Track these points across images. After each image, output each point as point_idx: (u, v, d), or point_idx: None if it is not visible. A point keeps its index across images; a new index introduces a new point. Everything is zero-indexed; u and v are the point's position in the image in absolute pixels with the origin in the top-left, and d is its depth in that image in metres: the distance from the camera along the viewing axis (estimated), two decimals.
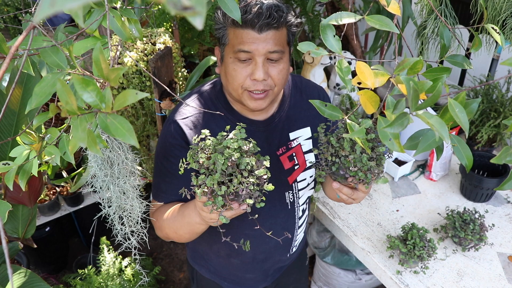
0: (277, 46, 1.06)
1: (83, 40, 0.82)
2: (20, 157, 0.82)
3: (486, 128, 2.00)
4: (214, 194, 0.90)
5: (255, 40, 1.03)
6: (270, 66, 1.09)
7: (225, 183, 0.89)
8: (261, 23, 1.01)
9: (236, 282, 1.47)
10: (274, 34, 1.05)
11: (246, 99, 1.12)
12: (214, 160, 0.88)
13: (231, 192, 0.89)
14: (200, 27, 0.30)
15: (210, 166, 0.89)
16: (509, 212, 1.85)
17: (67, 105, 0.54)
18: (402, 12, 1.98)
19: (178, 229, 1.15)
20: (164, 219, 1.18)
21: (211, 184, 0.88)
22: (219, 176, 0.87)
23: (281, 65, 1.10)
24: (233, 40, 1.06)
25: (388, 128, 0.58)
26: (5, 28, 2.92)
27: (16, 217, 1.57)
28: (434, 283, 1.55)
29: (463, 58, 0.86)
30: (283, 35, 1.08)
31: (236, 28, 1.04)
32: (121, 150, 1.03)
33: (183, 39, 2.36)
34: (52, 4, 0.26)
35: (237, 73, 1.08)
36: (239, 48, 1.05)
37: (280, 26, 1.05)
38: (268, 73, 1.08)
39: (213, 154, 0.88)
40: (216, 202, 0.90)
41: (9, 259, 0.35)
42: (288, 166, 1.27)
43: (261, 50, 1.04)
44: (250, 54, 1.05)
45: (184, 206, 1.12)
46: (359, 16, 0.74)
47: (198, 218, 1.05)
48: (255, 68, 1.06)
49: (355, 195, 1.07)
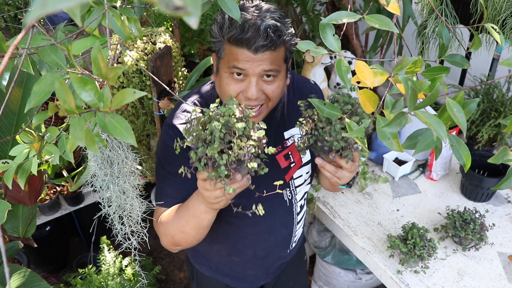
0: (272, 66, 1.04)
1: (83, 39, 0.82)
2: (19, 155, 0.82)
3: (486, 128, 1.99)
4: (216, 166, 0.87)
5: (250, 59, 1.02)
6: (265, 84, 1.07)
7: (225, 152, 0.86)
8: (257, 45, 1.00)
9: (238, 278, 1.48)
10: (270, 54, 1.03)
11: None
12: (211, 130, 0.85)
13: (232, 160, 0.86)
14: (195, 27, 0.30)
15: (207, 137, 0.86)
16: (509, 211, 1.85)
17: (66, 104, 0.54)
18: (402, 11, 1.97)
19: (184, 226, 1.13)
20: (168, 220, 1.17)
21: (212, 154, 0.85)
22: (218, 144, 0.85)
23: (276, 83, 1.09)
24: (228, 56, 1.05)
25: (387, 128, 0.58)
26: (6, 27, 2.92)
27: (17, 216, 1.57)
28: (435, 283, 1.55)
29: (462, 58, 0.85)
30: (280, 54, 1.06)
31: (231, 46, 1.03)
32: (121, 149, 1.03)
33: (183, 38, 2.37)
34: (44, 4, 0.26)
35: (230, 89, 1.07)
36: (233, 64, 1.04)
37: (277, 47, 1.03)
38: (262, 90, 1.07)
39: (209, 124, 0.86)
40: (220, 173, 0.87)
41: (6, 259, 0.35)
42: (285, 164, 1.27)
43: (255, 69, 1.03)
44: (244, 72, 1.04)
45: (187, 201, 1.12)
46: (359, 15, 0.74)
47: (203, 205, 1.04)
48: (248, 86, 1.05)
49: (339, 173, 1.04)
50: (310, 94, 1.02)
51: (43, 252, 2.48)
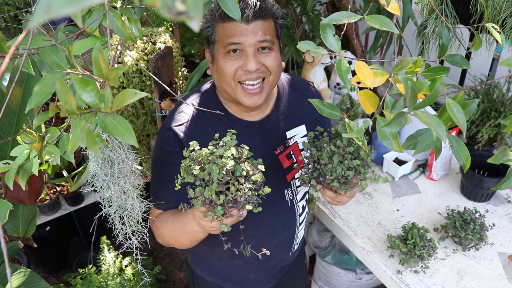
0: (266, 36, 1.06)
1: (83, 39, 0.82)
2: (20, 156, 0.82)
3: (486, 128, 2.00)
4: (213, 204, 0.90)
5: (244, 31, 1.04)
6: (262, 56, 1.09)
7: (223, 192, 0.89)
8: (248, 13, 1.02)
9: (239, 282, 1.46)
10: (262, 24, 1.05)
11: (241, 95, 1.11)
12: (209, 171, 0.87)
13: (229, 200, 0.89)
14: (197, 29, 0.30)
15: (205, 177, 0.89)
16: (509, 211, 1.85)
17: (67, 105, 0.54)
18: (402, 11, 1.97)
19: (179, 237, 1.15)
20: (164, 227, 1.17)
21: (209, 195, 0.88)
22: (216, 186, 0.87)
23: (273, 53, 1.10)
24: (222, 35, 1.06)
25: (386, 128, 0.58)
26: (6, 28, 2.92)
27: (17, 216, 1.57)
28: (435, 283, 1.55)
29: (461, 58, 0.86)
30: (271, 26, 1.08)
31: (224, 22, 1.05)
32: (122, 149, 1.03)
33: (183, 38, 2.37)
34: (48, 9, 0.26)
35: (227, 66, 1.08)
36: (228, 41, 1.05)
37: (267, 17, 1.06)
38: (261, 63, 1.08)
39: (207, 165, 0.88)
40: (216, 212, 0.90)
41: (7, 258, 0.35)
42: (287, 164, 1.27)
43: (250, 41, 1.05)
44: (240, 46, 1.06)
45: (183, 215, 1.12)
46: (359, 16, 0.74)
47: (198, 227, 1.06)
48: (246, 59, 1.06)
49: (338, 198, 1.10)
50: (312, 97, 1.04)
51: (43, 252, 2.48)
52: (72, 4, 0.27)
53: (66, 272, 2.66)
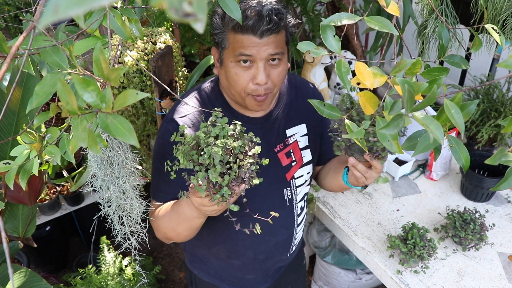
0: (277, 49, 1.07)
1: (84, 39, 0.82)
2: (20, 156, 0.82)
3: (486, 128, 2.00)
4: (217, 187, 0.89)
5: (256, 44, 1.04)
6: (271, 69, 1.10)
7: (226, 172, 0.87)
8: (262, 29, 1.02)
9: (236, 283, 1.46)
10: (274, 37, 1.06)
11: (249, 103, 1.14)
12: (210, 154, 0.86)
13: (233, 178, 0.88)
14: (201, 31, 0.30)
15: (205, 161, 0.87)
16: (509, 211, 1.85)
17: (68, 105, 0.55)
18: (402, 11, 1.97)
19: (176, 226, 1.15)
20: (160, 218, 1.17)
21: (215, 178, 0.86)
22: (220, 168, 0.85)
23: (281, 66, 1.12)
24: (233, 44, 1.06)
25: (384, 130, 0.58)
26: (6, 28, 2.92)
27: (16, 216, 1.58)
28: (435, 283, 1.55)
29: (461, 58, 0.86)
30: (282, 37, 1.09)
31: (236, 34, 1.05)
32: (121, 149, 1.03)
33: (184, 38, 2.37)
34: (55, 11, 0.26)
35: (239, 78, 1.09)
36: (240, 51, 1.06)
37: (280, 30, 1.06)
38: (269, 76, 1.10)
39: (206, 148, 0.86)
40: (223, 193, 0.88)
41: (9, 258, 0.35)
42: (286, 162, 1.28)
43: (262, 54, 1.05)
44: (251, 58, 1.06)
45: (177, 204, 1.12)
46: (359, 17, 0.74)
47: (196, 212, 1.05)
48: (257, 72, 1.08)
49: (368, 173, 1.09)
50: (313, 97, 1.04)
51: (43, 252, 2.49)
52: (80, 5, 0.27)
53: (66, 272, 2.66)
